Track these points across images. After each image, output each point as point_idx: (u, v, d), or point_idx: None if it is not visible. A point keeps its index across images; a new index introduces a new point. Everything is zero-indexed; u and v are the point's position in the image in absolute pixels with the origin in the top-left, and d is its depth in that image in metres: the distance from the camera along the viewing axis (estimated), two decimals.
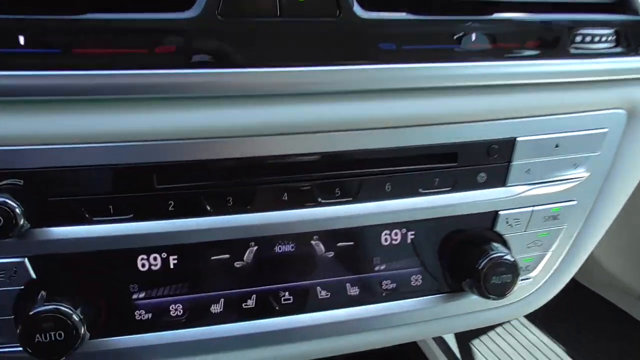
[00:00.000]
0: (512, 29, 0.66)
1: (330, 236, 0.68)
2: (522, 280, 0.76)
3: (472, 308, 0.75)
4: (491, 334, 2.10)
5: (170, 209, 0.62)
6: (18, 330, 0.56)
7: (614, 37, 0.70)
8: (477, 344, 1.98)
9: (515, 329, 2.15)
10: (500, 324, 2.13)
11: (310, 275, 0.69)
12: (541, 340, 2.11)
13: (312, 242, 0.68)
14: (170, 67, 0.57)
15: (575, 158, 0.73)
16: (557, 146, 0.71)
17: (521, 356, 2.02)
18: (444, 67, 0.64)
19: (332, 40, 0.61)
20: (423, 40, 0.64)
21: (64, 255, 0.60)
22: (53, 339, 0.56)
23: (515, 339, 2.12)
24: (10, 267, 0.59)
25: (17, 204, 0.54)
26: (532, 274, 0.77)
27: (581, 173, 0.74)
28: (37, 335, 0.56)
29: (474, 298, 0.73)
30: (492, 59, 0.66)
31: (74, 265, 0.61)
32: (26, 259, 0.60)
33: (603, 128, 0.73)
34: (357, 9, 0.60)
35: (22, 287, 0.60)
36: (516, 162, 0.70)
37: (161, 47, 0.57)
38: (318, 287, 0.69)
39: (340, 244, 0.69)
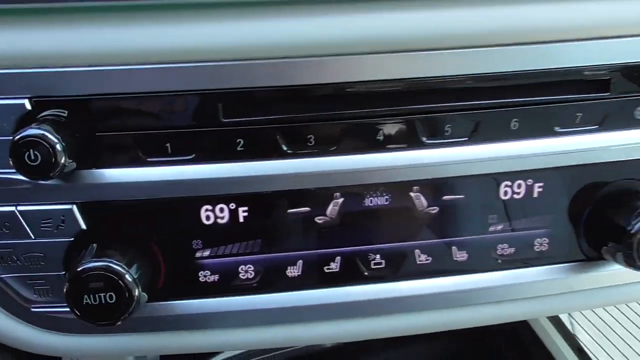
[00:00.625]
0: None
1: (435, 187, 0.54)
2: None
3: (612, 281, 0.59)
4: None
5: (238, 148, 0.50)
6: (64, 289, 0.47)
7: None
8: (577, 316, 1.81)
9: None
10: None
11: (407, 235, 0.56)
12: None
13: (412, 194, 0.54)
14: None
15: None
16: None
17: (627, 330, 1.82)
18: None
19: None
20: None
21: (116, 202, 0.51)
22: (103, 301, 0.47)
23: (620, 311, 1.92)
24: (58, 214, 0.50)
25: (58, 139, 0.44)
26: None
27: None
28: (85, 297, 0.47)
29: (617, 268, 0.58)
30: None
31: (128, 215, 0.52)
32: (74, 206, 0.50)
33: None
34: None
35: (72, 238, 0.51)
36: None
37: None
38: (417, 250, 0.56)
39: (446, 197, 0.54)
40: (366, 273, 0.56)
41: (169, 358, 0.88)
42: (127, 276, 0.48)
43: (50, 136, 0.44)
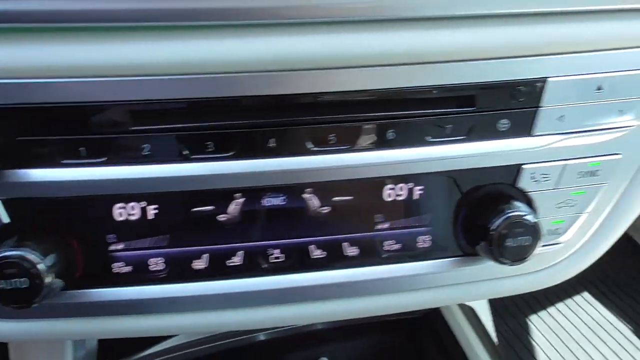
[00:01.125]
0: None
1: (325, 189, 0.61)
2: (551, 245, 0.66)
3: (489, 275, 0.67)
4: (551, 310, 1.98)
5: (144, 153, 0.57)
6: None
7: None
8: (534, 320, 1.87)
9: (578, 304, 2.02)
10: (561, 300, 2.00)
11: (302, 232, 0.62)
12: (605, 318, 1.97)
13: (305, 195, 0.61)
14: None
15: (622, 103, 0.61)
16: (599, 88, 0.60)
17: (583, 334, 1.88)
18: None
19: None
20: None
21: (36, 199, 0.57)
22: (16, 286, 0.53)
23: (577, 316, 1.98)
24: None
25: None
26: (563, 238, 0.67)
27: (629, 121, 0.62)
28: (1, 281, 0.53)
29: (491, 264, 0.64)
30: None
31: (47, 211, 0.58)
32: None
33: None
34: None
35: None
36: (546, 107, 0.60)
37: None
38: (311, 246, 0.63)
39: (336, 198, 0.61)
40: (265, 266, 0.63)
41: (108, 345, 0.93)
42: (39, 265, 0.54)
43: None
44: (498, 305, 2.01)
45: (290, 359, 0.97)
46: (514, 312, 1.97)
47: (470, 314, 0.95)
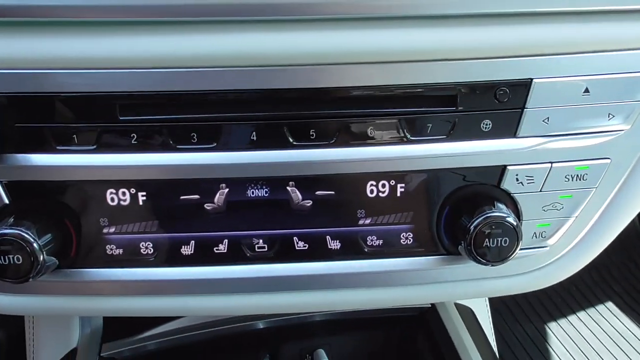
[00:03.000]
0: None
1: (308, 183, 0.62)
2: (536, 248, 0.66)
3: (471, 275, 0.66)
4: (571, 317, 1.94)
5: (133, 142, 0.59)
6: None
7: None
8: (552, 327, 1.83)
9: (600, 314, 1.98)
10: (583, 309, 1.95)
11: (286, 223, 0.64)
12: (629, 329, 1.91)
13: (288, 188, 0.62)
14: None
15: (611, 106, 0.60)
16: (586, 91, 0.59)
17: (603, 345, 1.83)
18: None
19: None
20: None
21: (33, 182, 0.61)
22: (12, 262, 0.57)
23: (599, 326, 1.93)
24: None
25: None
26: (549, 242, 0.66)
27: (618, 125, 0.61)
28: None
29: (474, 264, 0.64)
30: None
31: (44, 194, 0.61)
32: None
33: None
34: None
35: None
36: (531, 109, 0.59)
37: None
38: (295, 238, 0.64)
39: (319, 192, 0.63)
40: (249, 255, 0.65)
41: (114, 324, 0.98)
42: (34, 244, 0.57)
43: None
44: (515, 309, 1.99)
45: (288, 348, 0.99)
46: (532, 317, 1.94)
47: (467, 314, 0.94)
